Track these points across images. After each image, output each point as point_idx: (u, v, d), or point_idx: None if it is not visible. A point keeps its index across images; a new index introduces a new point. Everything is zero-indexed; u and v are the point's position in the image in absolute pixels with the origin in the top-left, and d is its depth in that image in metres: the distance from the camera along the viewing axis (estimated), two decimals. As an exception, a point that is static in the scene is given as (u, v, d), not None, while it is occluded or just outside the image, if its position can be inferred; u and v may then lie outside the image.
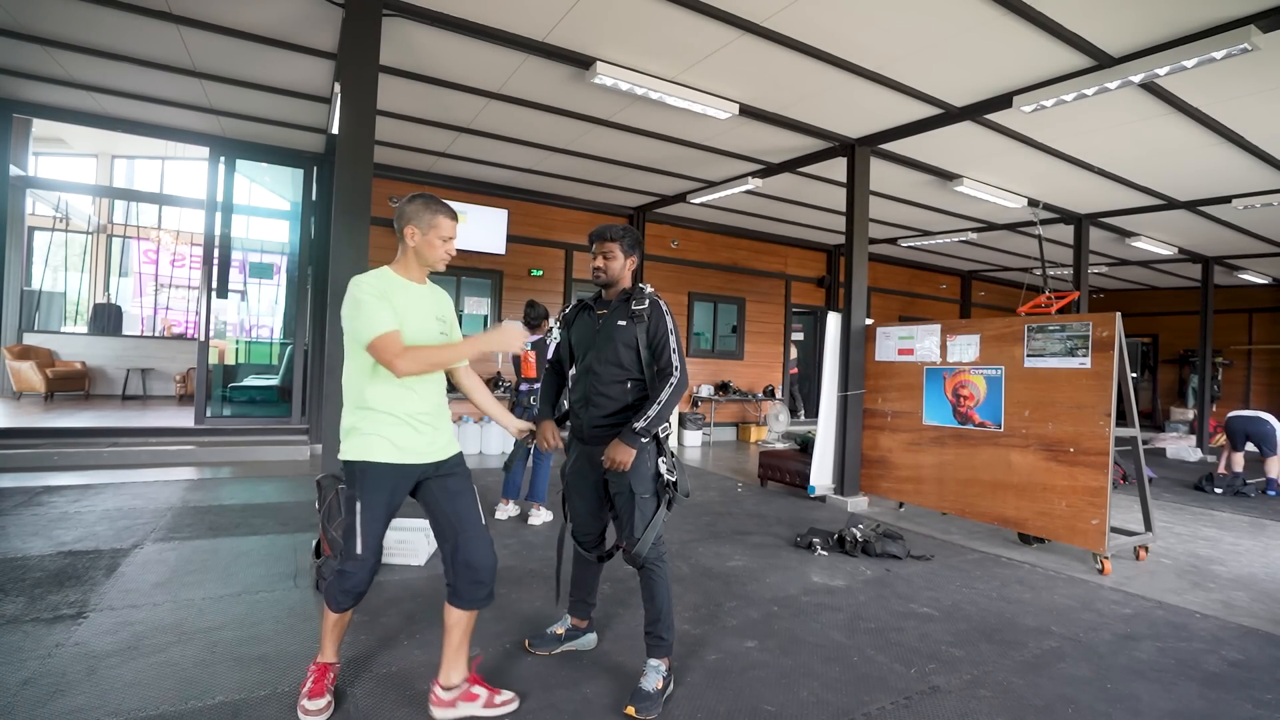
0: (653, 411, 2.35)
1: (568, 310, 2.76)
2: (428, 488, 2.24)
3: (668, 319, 2.47)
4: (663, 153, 6.79)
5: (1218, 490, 7.07)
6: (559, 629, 2.74)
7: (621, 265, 2.54)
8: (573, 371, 2.67)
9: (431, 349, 2.15)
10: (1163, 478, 7.97)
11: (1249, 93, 4.56)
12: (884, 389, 5.74)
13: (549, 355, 3.49)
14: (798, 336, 11.91)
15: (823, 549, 4.33)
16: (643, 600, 2.48)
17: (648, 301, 2.48)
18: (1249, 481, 7.19)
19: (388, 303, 2.10)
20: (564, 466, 2.63)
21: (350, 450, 2.15)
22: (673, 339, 2.44)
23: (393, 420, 2.14)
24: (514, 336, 2.27)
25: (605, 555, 2.61)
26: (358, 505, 2.12)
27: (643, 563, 2.41)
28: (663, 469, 2.43)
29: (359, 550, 2.12)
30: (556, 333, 2.80)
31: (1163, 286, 14.12)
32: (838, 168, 6.47)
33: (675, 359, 2.41)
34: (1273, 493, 7.10)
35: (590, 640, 2.78)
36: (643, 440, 2.33)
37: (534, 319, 4.97)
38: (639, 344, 2.43)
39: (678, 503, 2.46)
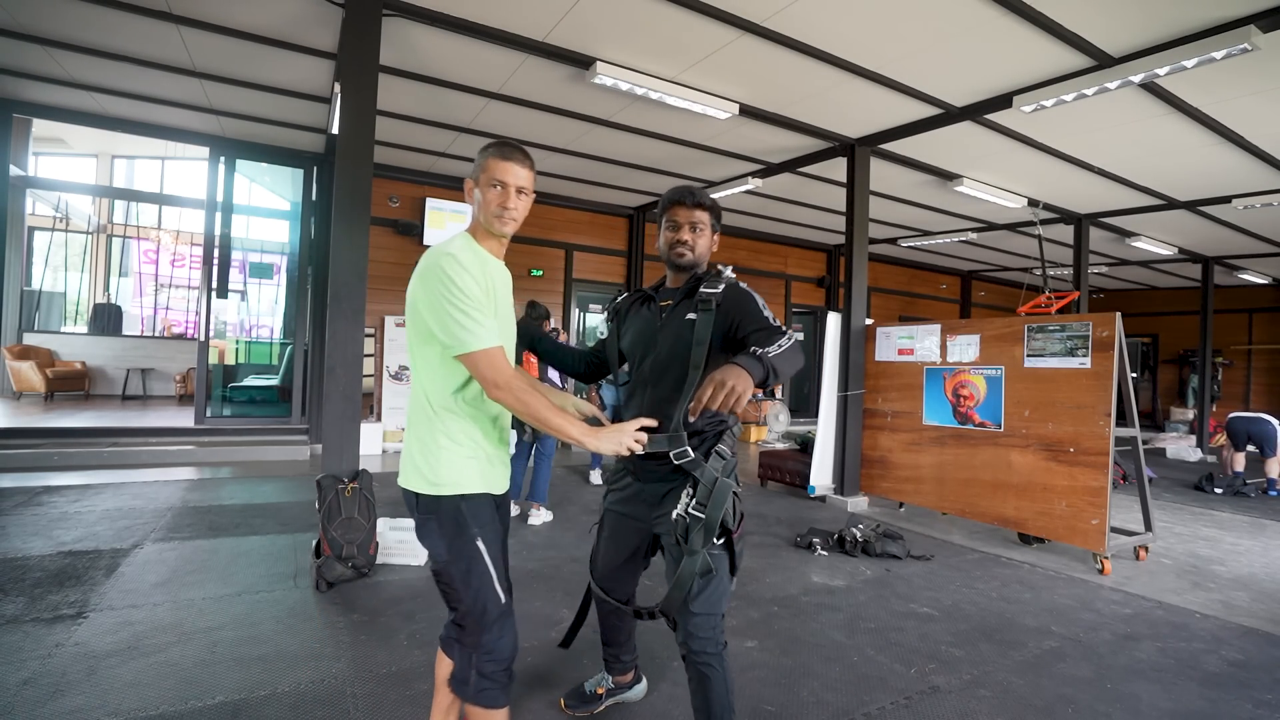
0: (774, 349, 1.61)
1: (619, 299, 2.14)
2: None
3: (755, 296, 1.85)
4: (663, 153, 6.79)
5: (1218, 490, 7.07)
6: (599, 688, 2.27)
7: (709, 244, 1.97)
8: (623, 375, 2.06)
9: (536, 396, 1.57)
10: (1163, 478, 7.96)
11: (1249, 93, 4.56)
12: (884, 389, 5.73)
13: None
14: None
15: (823, 549, 4.33)
16: (691, 696, 1.85)
17: (723, 285, 1.85)
18: (1249, 481, 7.19)
19: (491, 297, 1.61)
20: (606, 498, 2.09)
21: (459, 479, 1.63)
22: (768, 312, 1.81)
23: (485, 443, 1.69)
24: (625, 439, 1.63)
25: (642, 613, 1.94)
26: (480, 543, 1.64)
27: (698, 648, 1.77)
28: (687, 505, 1.75)
29: (504, 598, 1.67)
30: (604, 328, 2.19)
31: (1163, 286, 14.12)
32: (838, 168, 6.47)
33: (782, 327, 1.76)
34: (1273, 493, 7.10)
35: (640, 691, 2.35)
36: (760, 370, 1.54)
37: (534, 319, 4.97)
38: (715, 338, 1.81)
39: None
